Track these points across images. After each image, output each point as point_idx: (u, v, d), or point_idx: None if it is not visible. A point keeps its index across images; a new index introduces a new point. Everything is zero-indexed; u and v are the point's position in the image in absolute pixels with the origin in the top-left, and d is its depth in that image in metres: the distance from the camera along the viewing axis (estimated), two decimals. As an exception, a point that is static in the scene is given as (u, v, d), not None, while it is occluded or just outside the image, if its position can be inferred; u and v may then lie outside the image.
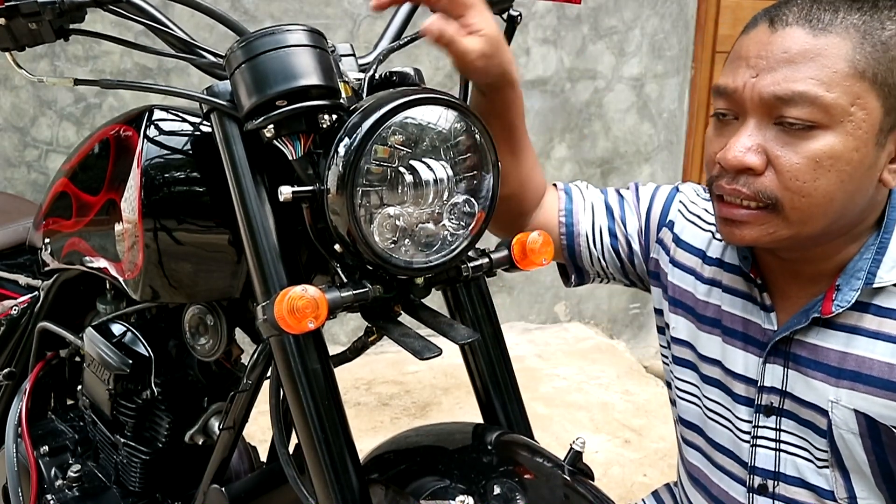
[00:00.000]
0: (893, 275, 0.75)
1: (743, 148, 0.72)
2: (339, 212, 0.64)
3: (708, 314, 0.91)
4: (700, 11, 3.29)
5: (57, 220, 1.02)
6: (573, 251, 1.03)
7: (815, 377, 0.79)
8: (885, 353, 0.75)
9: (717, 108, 0.78)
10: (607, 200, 1.03)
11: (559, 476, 0.70)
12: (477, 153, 0.69)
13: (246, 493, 0.91)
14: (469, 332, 0.70)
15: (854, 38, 0.68)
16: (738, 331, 0.87)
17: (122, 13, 0.75)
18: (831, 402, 0.77)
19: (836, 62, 0.68)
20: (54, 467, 1.10)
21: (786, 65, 0.70)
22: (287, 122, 0.66)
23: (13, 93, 2.70)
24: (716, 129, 0.79)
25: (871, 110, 0.69)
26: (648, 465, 2.18)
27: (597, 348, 3.05)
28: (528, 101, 3.14)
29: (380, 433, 2.34)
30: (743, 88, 0.73)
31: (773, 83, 0.70)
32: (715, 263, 0.91)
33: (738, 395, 0.87)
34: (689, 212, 0.97)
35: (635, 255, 1.01)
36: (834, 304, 0.77)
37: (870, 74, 0.68)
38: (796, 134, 0.70)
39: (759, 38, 0.73)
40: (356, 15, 2.83)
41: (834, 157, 0.69)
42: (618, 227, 1.01)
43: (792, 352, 0.81)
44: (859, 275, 0.76)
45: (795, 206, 0.71)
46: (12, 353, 1.30)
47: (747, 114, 0.73)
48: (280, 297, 0.59)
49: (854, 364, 0.76)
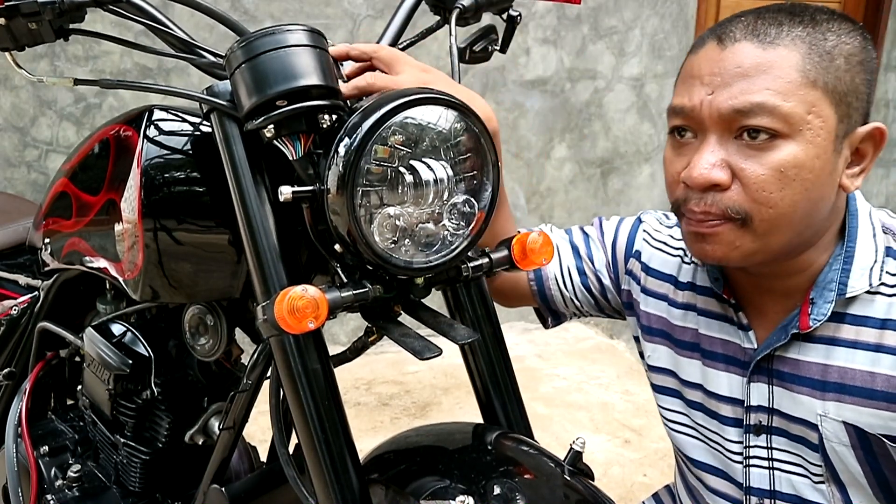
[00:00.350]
0: (863, 282, 0.76)
1: (708, 164, 0.72)
2: (340, 212, 0.64)
3: (686, 339, 0.91)
4: (700, 11, 3.29)
5: (57, 220, 1.02)
6: (545, 296, 1.04)
7: (800, 392, 0.79)
8: (865, 362, 0.75)
9: (675, 124, 0.78)
10: (572, 240, 1.04)
11: (559, 476, 0.70)
12: (477, 153, 0.68)
13: (246, 493, 0.90)
14: (469, 332, 0.70)
15: (801, 49, 0.70)
16: (717, 353, 0.87)
17: (121, 13, 0.75)
18: (820, 416, 0.77)
19: (788, 72, 0.69)
20: (54, 467, 1.10)
21: (740, 79, 0.71)
22: (287, 122, 0.66)
23: (13, 93, 2.70)
24: (674, 149, 0.79)
25: (826, 118, 0.70)
26: (648, 465, 2.18)
27: (597, 348, 3.05)
28: (528, 101, 3.14)
29: (380, 433, 2.34)
30: (700, 106, 0.73)
31: (730, 97, 0.71)
32: (687, 288, 0.92)
33: (726, 417, 0.86)
34: (654, 239, 0.97)
35: (607, 289, 1.02)
36: (810, 318, 0.77)
37: (821, 83, 0.70)
38: (759, 146, 0.71)
39: (709, 56, 0.74)
40: (356, 15, 2.83)
41: (798, 167, 0.70)
42: (585, 264, 1.02)
43: (775, 368, 0.81)
44: (831, 286, 0.77)
45: (763, 219, 0.72)
46: (12, 353, 1.30)
47: (707, 130, 0.74)
48: (280, 298, 0.59)
49: (837, 376, 0.77)
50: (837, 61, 0.71)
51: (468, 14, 0.94)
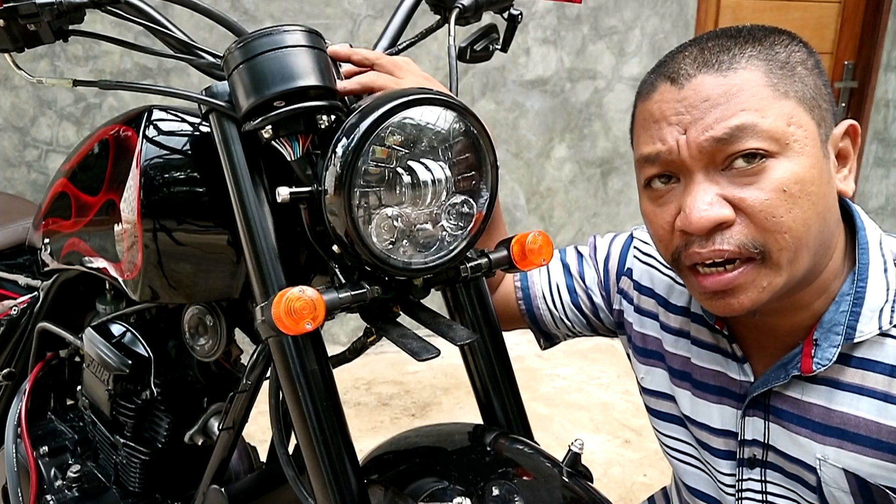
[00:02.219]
0: (873, 325, 0.70)
1: (705, 204, 0.67)
2: (337, 212, 0.64)
3: (675, 366, 0.87)
4: (700, 11, 3.29)
5: (56, 220, 1.02)
6: (534, 315, 1.01)
7: (799, 433, 0.75)
8: (871, 411, 0.70)
9: (651, 174, 0.72)
10: (564, 259, 1.01)
11: (558, 477, 0.70)
12: (475, 153, 0.68)
13: (245, 493, 0.90)
14: (468, 333, 0.70)
15: (761, 66, 0.67)
16: (709, 384, 0.83)
17: (121, 14, 0.75)
18: (819, 460, 0.73)
19: (758, 90, 0.66)
20: (54, 467, 1.09)
21: (711, 109, 0.66)
22: (285, 122, 0.66)
23: (13, 93, 2.70)
24: (653, 200, 0.74)
25: (806, 126, 0.67)
26: (648, 465, 2.17)
27: (597, 348, 3.05)
28: (528, 101, 3.14)
29: (380, 433, 2.34)
30: (677, 146, 0.68)
31: (706, 129, 0.66)
32: (681, 312, 0.87)
33: (718, 450, 0.83)
34: (643, 254, 0.93)
35: (599, 308, 0.98)
36: (814, 361, 0.72)
37: (791, 94, 0.67)
38: (750, 172, 0.66)
39: (667, 98, 0.70)
40: (356, 15, 2.83)
41: (799, 182, 0.66)
42: (576, 282, 0.98)
43: (772, 405, 0.77)
44: (837, 329, 0.71)
45: (782, 247, 0.66)
46: (12, 353, 1.30)
47: (690, 171, 0.69)
48: (278, 299, 0.59)
49: (839, 421, 0.72)
50: (797, 69, 0.68)
51: (468, 13, 0.93)
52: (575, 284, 0.99)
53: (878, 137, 3.81)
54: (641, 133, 0.73)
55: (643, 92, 0.74)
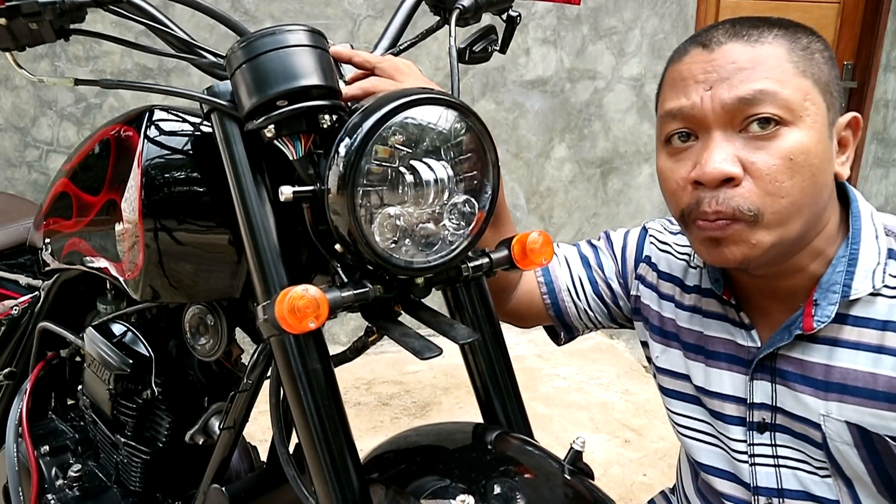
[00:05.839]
0: (867, 284, 0.76)
1: (720, 159, 0.73)
2: (340, 212, 0.64)
3: (690, 341, 0.92)
4: (700, 11, 3.29)
5: (57, 220, 1.02)
6: (559, 309, 1.05)
7: (803, 392, 0.80)
8: (867, 363, 0.76)
9: (673, 129, 0.78)
10: (581, 251, 1.06)
11: (559, 475, 0.70)
12: (477, 153, 0.68)
13: (246, 492, 0.90)
14: (469, 332, 0.70)
15: (784, 45, 0.74)
16: (720, 352, 0.88)
17: (122, 13, 0.75)
18: (822, 416, 0.78)
19: (780, 63, 0.72)
20: (55, 467, 1.10)
21: (738, 71, 0.73)
22: (287, 122, 0.66)
23: (14, 93, 2.70)
24: (672, 156, 0.79)
25: (818, 105, 0.73)
26: (648, 465, 2.18)
27: (597, 348, 3.05)
28: (528, 101, 3.14)
29: (380, 433, 2.34)
30: (701, 102, 0.74)
31: (731, 87, 0.72)
32: (694, 291, 0.93)
33: (730, 416, 0.87)
34: (661, 243, 0.99)
35: (618, 296, 1.03)
36: (814, 319, 0.78)
37: (809, 74, 0.73)
38: (765, 137, 0.72)
39: (697, 59, 0.76)
40: (356, 15, 2.83)
41: (805, 152, 0.72)
42: (595, 273, 1.03)
43: (778, 367, 0.82)
44: (835, 288, 0.77)
45: (774, 211, 0.72)
46: (13, 353, 1.30)
47: (710, 128, 0.74)
48: (281, 297, 0.59)
49: (839, 376, 0.77)
50: (815, 56, 0.74)
51: (468, 14, 0.94)
52: (595, 275, 1.03)
53: (878, 137, 3.82)
54: (668, 91, 0.79)
55: (675, 57, 0.80)
